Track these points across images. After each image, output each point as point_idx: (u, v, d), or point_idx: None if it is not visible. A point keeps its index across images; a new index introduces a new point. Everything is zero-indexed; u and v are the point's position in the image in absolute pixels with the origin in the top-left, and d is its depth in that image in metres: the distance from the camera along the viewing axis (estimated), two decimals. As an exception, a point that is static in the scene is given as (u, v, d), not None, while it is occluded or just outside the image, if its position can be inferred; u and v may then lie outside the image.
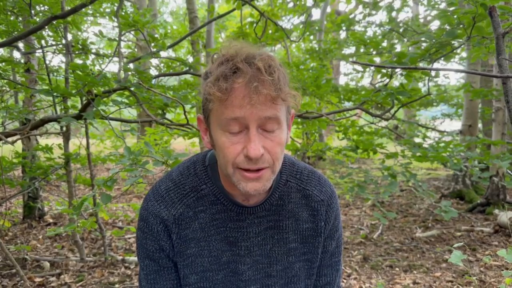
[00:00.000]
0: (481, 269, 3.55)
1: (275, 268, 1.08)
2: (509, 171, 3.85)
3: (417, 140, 5.90)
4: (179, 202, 1.03)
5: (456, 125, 9.19)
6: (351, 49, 8.05)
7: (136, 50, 9.64)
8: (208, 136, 0.98)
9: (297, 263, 1.10)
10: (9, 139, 2.68)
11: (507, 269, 3.47)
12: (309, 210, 1.10)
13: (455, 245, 1.94)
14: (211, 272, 1.05)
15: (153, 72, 4.95)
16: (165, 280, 1.07)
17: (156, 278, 1.07)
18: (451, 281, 3.32)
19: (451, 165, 3.41)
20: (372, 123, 3.92)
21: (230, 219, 1.04)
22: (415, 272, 3.57)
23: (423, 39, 3.22)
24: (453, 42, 2.68)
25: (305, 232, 1.09)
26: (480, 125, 7.73)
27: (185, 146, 10.47)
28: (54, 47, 4.28)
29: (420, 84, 8.83)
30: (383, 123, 4.94)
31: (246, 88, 0.84)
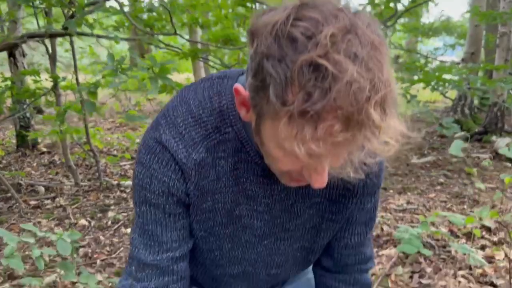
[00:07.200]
0: (475, 190, 3.58)
1: (294, 222, 0.93)
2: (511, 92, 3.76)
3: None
4: (201, 144, 0.80)
5: (457, 59, 8.98)
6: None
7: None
8: (250, 114, 0.69)
9: (318, 218, 0.94)
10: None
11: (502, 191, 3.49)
12: None
13: (456, 135, 1.88)
14: (218, 226, 0.89)
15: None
16: (168, 230, 0.85)
17: (156, 230, 0.84)
18: (445, 201, 3.34)
19: (453, 86, 3.31)
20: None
21: (253, 172, 0.84)
22: (409, 193, 3.59)
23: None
24: None
25: (335, 190, 0.91)
26: (482, 56, 7.54)
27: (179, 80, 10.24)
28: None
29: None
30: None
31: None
